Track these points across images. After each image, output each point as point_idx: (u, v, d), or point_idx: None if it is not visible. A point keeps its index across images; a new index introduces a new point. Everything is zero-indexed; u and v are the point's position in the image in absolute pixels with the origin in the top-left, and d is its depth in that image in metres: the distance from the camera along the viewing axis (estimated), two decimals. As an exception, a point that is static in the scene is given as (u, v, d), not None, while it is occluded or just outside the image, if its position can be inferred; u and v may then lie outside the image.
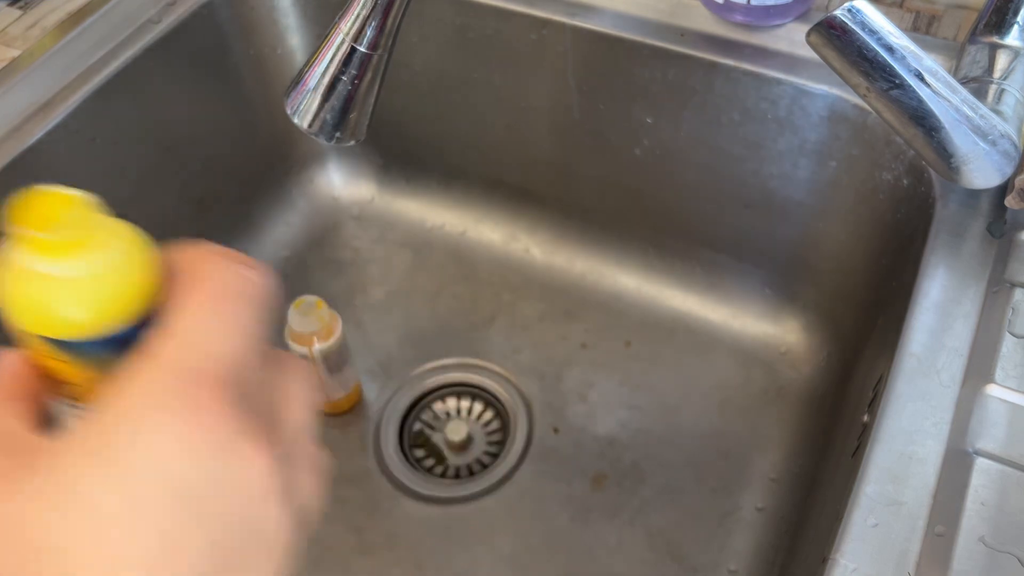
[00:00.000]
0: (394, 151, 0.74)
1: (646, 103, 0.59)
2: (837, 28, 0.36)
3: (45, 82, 0.56)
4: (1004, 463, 0.37)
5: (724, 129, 0.58)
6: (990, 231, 0.46)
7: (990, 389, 0.39)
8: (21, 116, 0.54)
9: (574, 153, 0.66)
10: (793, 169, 0.58)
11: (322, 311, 0.56)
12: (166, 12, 0.60)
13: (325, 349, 0.57)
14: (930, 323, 0.42)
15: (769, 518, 0.58)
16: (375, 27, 0.43)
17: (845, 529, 0.36)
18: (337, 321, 0.58)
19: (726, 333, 0.66)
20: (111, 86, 0.57)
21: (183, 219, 0.66)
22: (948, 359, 0.41)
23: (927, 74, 0.38)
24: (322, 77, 0.45)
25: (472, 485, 0.60)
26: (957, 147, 0.40)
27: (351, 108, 0.46)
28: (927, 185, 0.49)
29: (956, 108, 0.39)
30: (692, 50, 0.56)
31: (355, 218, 0.76)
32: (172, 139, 0.63)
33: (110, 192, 0.63)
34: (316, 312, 0.56)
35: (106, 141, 0.58)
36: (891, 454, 0.38)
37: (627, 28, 0.57)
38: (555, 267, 0.71)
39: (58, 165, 0.55)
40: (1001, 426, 0.38)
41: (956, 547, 0.35)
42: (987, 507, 0.36)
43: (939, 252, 0.45)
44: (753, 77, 0.54)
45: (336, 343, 0.58)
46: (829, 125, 0.54)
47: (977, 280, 0.44)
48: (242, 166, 0.70)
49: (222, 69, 0.65)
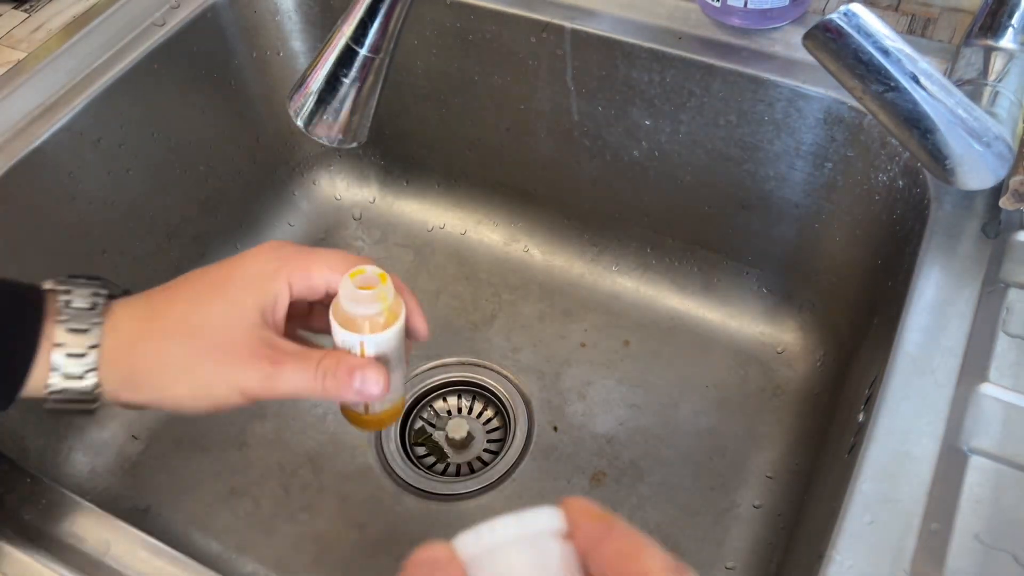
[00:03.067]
0: (395, 153, 0.75)
1: (644, 106, 0.60)
2: (833, 31, 0.37)
3: (50, 84, 0.56)
4: (998, 461, 0.37)
5: (721, 131, 0.58)
6: (985, 232, 0.46)
7: (985, 388, 0.40)
8: (27, 118, 0.54)
9: (573, 155, 0.66)
10: (789, 171, 0.58)
11: (386, 288, 0.38)
12: (170, 15, 0.61)
13: (381, 342, 0.38)
14: (925, 323, 0.42)
15: (766, 515, 0.58)
16: (377, 30, 0.44)
17: (841, 526, 0.36)
18: (402, 307, 0.39)
19: (723, 333, 0.67)
20: (116, 88, 0.57)
21: (187, 220, 0.66)
22: (943, 358, 0.41)
23: (922, 77, 0.38)
24: (325, 80, 0.45)
25: (472, 482, 0.61)
26: (952, 149, 0.41)
27: (353, 110, 0.46)
28: (922, 186, 0.49)
29: (951, 110, 0.39)
30: (689, 53, 0.56)
31: (357, 219, 0.76)
32: (176, 141, 0.63)
33: (115, 193, 0.64)
34: (380, 288, 0.38)
35: (111, 143, 0.58)
36: (887, 452, 0.38)
37: (625, 31, 0.57)
38: (555, 267, 0.72)
39: (63, 167, 0.55)
40: (996, 424, 0.38)
41: (951, 544, 0.35)
42: (982, 504, 0.36)
43: (934, 252, 0.45)
44: (750, 80, 0.55)
45: (396, 336, 0.39)
46: (825, 127, 0.55)
47: (972, 280, 0.44)
48: (245, 167, 0.70)
49: (226, 72, 0.66)
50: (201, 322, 0.36)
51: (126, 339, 0.37)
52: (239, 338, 0.36)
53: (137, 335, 0.37)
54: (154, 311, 0.37)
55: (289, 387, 0.36)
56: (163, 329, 0.37)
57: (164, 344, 0.36)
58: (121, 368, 0.36)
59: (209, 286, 0.38)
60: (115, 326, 0.37)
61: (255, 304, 0.37)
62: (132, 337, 0.37)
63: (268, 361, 0.36)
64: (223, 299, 0.37)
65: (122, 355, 0.36)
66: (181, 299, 0.38)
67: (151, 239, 0.64)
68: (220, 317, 0.36)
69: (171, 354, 0.36)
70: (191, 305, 0.37)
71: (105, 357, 0.36)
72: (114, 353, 0.36)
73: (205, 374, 0.36)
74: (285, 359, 0.36)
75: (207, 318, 0.36)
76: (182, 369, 0.36)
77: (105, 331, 0.36)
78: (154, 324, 0.37)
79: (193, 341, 0.36)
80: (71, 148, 0.56)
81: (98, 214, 0.59)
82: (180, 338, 0.36)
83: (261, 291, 0.37)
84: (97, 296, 0.37)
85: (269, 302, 0.37)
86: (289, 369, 0.36)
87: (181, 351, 0.36)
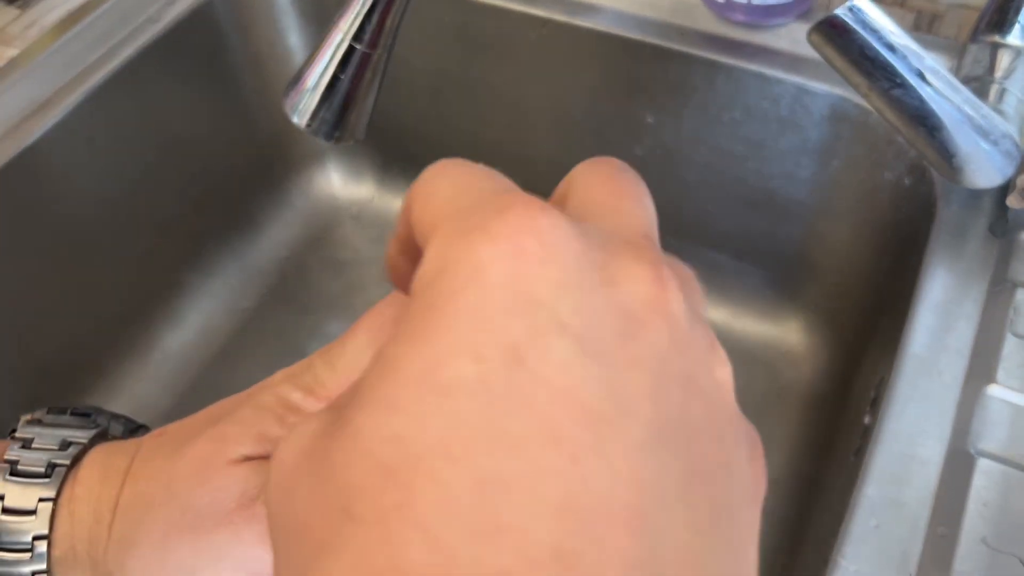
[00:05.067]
0: (394, 150, 0.74)
1: (646, 102, 0.59)
2: (838, 27, 0.36)
3: (43, 81, 0.56)
4: (1006, 464, 0.37)
5: (725, 128, 0.58)
6: (992, 231, 0.45)
7: (992, 390, 0.39)
8: (19, 115, 0.54)
9: (574, 153, 0.65)
10: (795, 168, 0.58)
11: None
12: (165, 11, 0.60)
13: None
14: (932, 323, 0.42)
15: (770, 519, 0.57)
16: (374, 26, 0.43)
17: (847, 530, 0.36)
18: None
19: (727, 333, 0.66)
20: (110, 85, 0.57)
21: (182, 218, 0.66)
22: (950, 359, 0.41)
23: (928, 73, 0.38)
24: (321, 76, 0.45)
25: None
26: (959, 147, 0.40)
27: (350, 107, 0.45)
28: (929, 185, 0.49)
29: (958, 108, 0.39)
30: (693, 49, 0.55)
31: (354, 218, 0.75)
32: (171, 138, 0.63)
33: (109, 192, 0.63)
34: None
35: (105, 140, 0.58)
36: (893, 455, 0.38)
37: (627, 27, 0.57)
38: (555, 267, 0.71)
39: (57, 165, 0.55)
40: (1003, 427, 0.38)
41: (958, 548, 0.35)
42: (989, 508, 0.36)
43: (941, 252, 0.45)
44: (754, 76, 0.54)
45: None
46: (830, 124, 0.54)
47: (979, 280, 0.43)
48: (241, 165, 0.70)
49: (221, 68, 0.65)
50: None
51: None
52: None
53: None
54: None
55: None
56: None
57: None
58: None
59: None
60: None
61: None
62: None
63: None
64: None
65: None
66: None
67: (145, 238, 0.63)
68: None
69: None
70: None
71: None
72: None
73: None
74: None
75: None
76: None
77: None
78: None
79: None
80: (64, 146, 0.55)
81: (91, 213, 0.59)
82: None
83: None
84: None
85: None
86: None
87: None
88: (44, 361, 0.59)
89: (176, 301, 0.68)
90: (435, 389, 0.13)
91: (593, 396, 0.13)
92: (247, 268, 0.71)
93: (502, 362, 0.13)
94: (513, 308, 0.14)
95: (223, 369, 0.67)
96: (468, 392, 0.13)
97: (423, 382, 0.13)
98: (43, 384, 0.59)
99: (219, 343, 0.68)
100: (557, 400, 0.13)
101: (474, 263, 0.14)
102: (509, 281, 0.14)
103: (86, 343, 0.62)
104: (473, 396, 0.13)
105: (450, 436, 0.13)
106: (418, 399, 0.13)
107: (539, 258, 0.14)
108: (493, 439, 0.13)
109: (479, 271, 0.14)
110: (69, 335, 0.61)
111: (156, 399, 0.65)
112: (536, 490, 0.12)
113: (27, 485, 0.26)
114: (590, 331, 0.14)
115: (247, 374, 0.35)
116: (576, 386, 0.13)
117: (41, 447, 0.27)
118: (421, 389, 0.13)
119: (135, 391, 0.64)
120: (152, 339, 0.66)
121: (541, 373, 0.13)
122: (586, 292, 0.14)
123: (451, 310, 0.14)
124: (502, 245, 0.14)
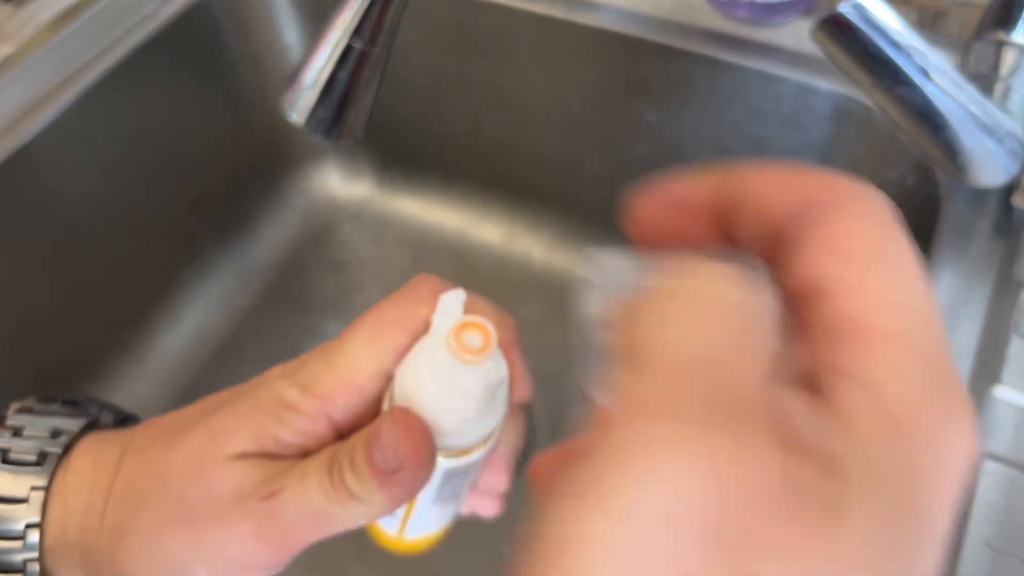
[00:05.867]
0: (393, 150, 0.74)
1: (648, 101, 0.59)
2: (842, 24, 0.36)
3: (39, 80, 0.55)
4: (1011, 466, 0.37)
5: (728, 127, 0.58)
6: (997, 230, 0.45)
7: (997, 391, 0.39)
8: (14, 114, 0.53)
9: (575, 152, 0.65)
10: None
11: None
12: (161, 8, 0.60)
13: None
14: (936, 324, 0.42)
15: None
16: (373, 23, 0.43)
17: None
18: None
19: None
20: (105, 84, 0.56)
21: (179, 218, 0.66)
22: (955, 360, 0.40)
23: (933, 71, 0.37)
24: (319, 74, 0.44)
25: (471, 486, 0.60)
26: (963, 145, 0.40)
27: (349, 105, 0.45)
28: (933, 184, 0.49)
29: (962, 105, 0.39)
30: (695, 47, 0.55)
31: (353, 217, 0.75)
32: (167, 137, 0.63)
33: (105, 191, 0.63)
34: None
35: (101, 139, 0.58)
36: (897, 457, 0.37)
37: (629, 25, 0.57)
38: (555, 267, 0.71)
39: (52, 164, 0.55)
40: (1008, 428, 0.38)
41: (962, 550, 0.35)
42: (993, 510, 0.36)
43: (945, 251, 0.45)
44: (757, 74, 0.54)
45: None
46: (834, 123, 0.54)
47: (984, 280, 0.43)
48: (238, 164, 0.70)
49: (218, 66, 0.65)
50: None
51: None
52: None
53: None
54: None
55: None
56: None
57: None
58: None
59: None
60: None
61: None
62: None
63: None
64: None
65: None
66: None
67: (142, 237, 0.63)
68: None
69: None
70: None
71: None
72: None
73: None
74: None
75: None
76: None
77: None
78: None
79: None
80: (60, 145, 0.55)
81: (88, 212, 0.58)
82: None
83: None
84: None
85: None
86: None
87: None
88: (40, 361, 0.59)
89: (173, 301, 0.67)
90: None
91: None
92: (245, 268, 0.71)
93: None
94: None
95: (221, 369, 0.66)
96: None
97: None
98: (39, 384, 0.59)
99: (217, 343, 0.68)
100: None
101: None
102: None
103: (82, 343, 0.62)
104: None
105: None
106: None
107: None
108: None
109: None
110: (65, 335, 0.60)
111: (153, 399, 0.64)
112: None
113: (19, 473, 0.26)
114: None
115: (245, 374, 0.34)
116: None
117: (32, 435, 0.27)
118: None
119: (132, 391, 0.64)
120: (149, 339, 0.66)
121: None
122: None
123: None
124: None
